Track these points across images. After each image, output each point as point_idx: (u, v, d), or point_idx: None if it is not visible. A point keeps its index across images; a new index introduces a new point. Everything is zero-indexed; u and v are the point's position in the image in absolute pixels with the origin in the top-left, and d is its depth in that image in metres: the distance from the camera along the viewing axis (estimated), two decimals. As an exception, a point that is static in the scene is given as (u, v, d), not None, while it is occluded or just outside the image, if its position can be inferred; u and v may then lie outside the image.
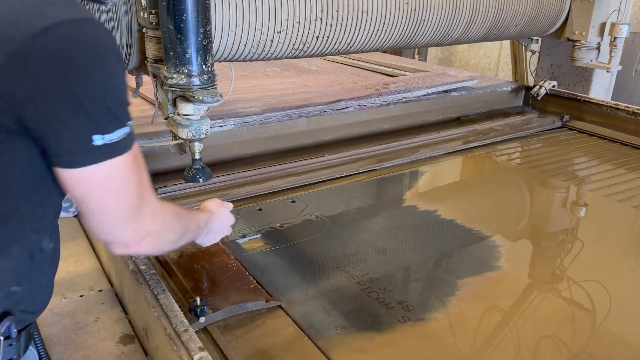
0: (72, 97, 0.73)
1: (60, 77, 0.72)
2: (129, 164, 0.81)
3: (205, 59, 1.53)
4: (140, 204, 0.85)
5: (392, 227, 1.77)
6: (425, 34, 2.35)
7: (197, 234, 1.12)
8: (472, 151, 2.47)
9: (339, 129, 2.45)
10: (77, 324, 1.24)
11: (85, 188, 0.79)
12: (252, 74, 3.07)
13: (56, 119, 0.73)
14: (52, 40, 0.71)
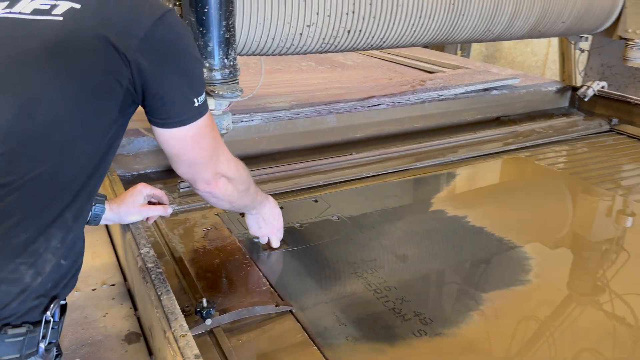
0: (182, 71, 0.96)
1: (174, 56, 0.95)
2: (211, 120, 1.07)
3: (228, 52, 1.50)
4: (218, 152, 1.12)
5: (415, 232, 1.69)
6: (464, 29, 2.24)
7: (255, 200, 1.37)
8: (510, 154, 2.35)
9: (370, 127, 2.38)
10: (85, 318, 1.24)
11: (183, 143, 1.04)
12: (286, 68, 3.03)
13: (171, 89, 0.96)
14: (165, 26, 0.92)
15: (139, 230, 1.36)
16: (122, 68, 0.88)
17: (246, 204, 1.36)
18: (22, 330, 0.82)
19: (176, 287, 1.32)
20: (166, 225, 1.61)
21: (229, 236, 1.57)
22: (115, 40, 0.86)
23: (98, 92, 0.88)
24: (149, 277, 1.16)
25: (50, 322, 0.86)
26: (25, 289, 0.82)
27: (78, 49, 0.86)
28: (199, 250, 1.50)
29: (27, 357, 0.84)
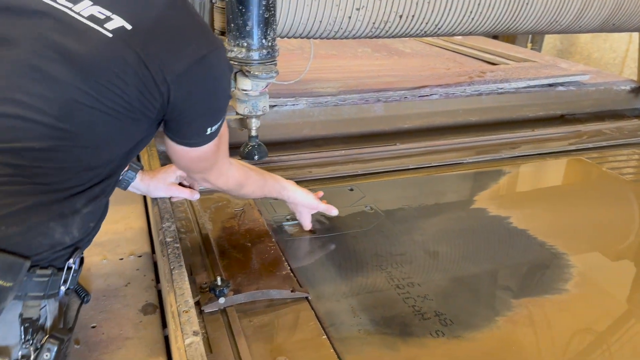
0: (208, 107, 1.04)
1: (205, 95, 1.01)
2: (216, 144, 1.13)
3: (266, 32, 1.48)
4: (212, 167, 1.23)
5: (451, 229, 1.61)
6: (527, 19, 2.10)
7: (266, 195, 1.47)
8: (571, 155, 2.19)
9: (419, 118, 2.30)
10: (108, 286, 1.27)
11: (183, 157, 1.14)
12: (341, 54, 2.98)
13: (193, 120, 1.04)
14: (205, 68, 0.98)
15: (166, 204, 1.39)
16: (155, 95, 0.94)
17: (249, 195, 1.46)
18: (47, 272, 0.91)
19: (198, 264, 1.34)
20: (199, 203, 1.63)
21: (259, 218, 1.56)
22: (154, 72, 0.92)
23: (133, 110, 0.94)
24: (166, 250, 1.18)
25: (72, 270, 0.96)
26: (54, 243, 0.92)
27: (119, 70, 0.90)
28: (226, 229, 1.51)
29: (49, 297, 0.93)
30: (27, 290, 0.89)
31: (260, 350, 1.07)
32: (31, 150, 0.88)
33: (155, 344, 1.11)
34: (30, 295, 0.90)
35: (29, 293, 0.90)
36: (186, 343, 0.89)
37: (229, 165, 1.28)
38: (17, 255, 0.86)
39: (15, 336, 0.90)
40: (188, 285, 1.05)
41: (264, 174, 1.42)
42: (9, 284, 0.85)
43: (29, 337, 0.90)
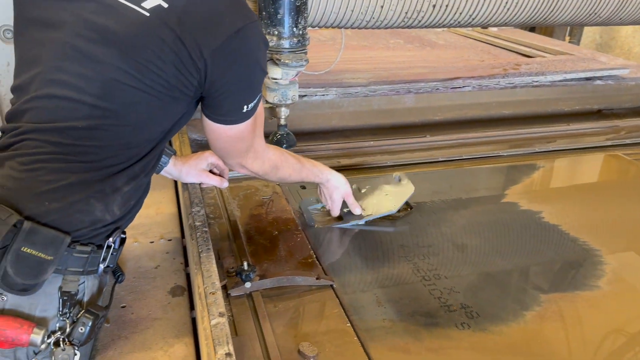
0: (243, 81, 1.02)
1: (240, 68, 0.99)
2: (252, 123, 1.13)
3: (297, 21, 1.48)
4: (248, 149, 1.20)
5: (480, 223, 1.59)
6: (565, 10, 2.05)
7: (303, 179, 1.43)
8: (607, 150, 2.13)
9: (451, 110, 2.27)
10: (139, 268, 1.30)
11: (220, 136, 1.12)
12: (373, 45, 2.96)
13: (228, 94, 1.02)
14: (240, 40, 0.96)
15: (196, 190, 1.41)
16: (192, 71, 0.95)
17: (286, 179, 1.39)
18: (87, 249, 0.95)
19: (226, 249, 1.36)
20: (228, 190, 1.65)
21: (286, 206, 1.58)
22: (191, 48, 0.92)
23: (171, 88, 0.95)
24: (195, 234, 1.20)
25: (111, 248, 0.99)
26: (95, 220, 0.95)
27: (157, 48, 0.91)
28: (254, 216, 1.52)
29: (87, 273, 0.97)
30: (67, 265, 0.93)
31: (284, 335, 1.08)
32: (74, 129, 0.91)
33: (182, 325, 1.13)
34: (70, 270, 0.94)
35: (69, 268, 0.94)
36: (212, 324, 0.90)
37: (265, 147, 1.26)
38: (58, 230, 0.89)
39: (54, 308, 0.93)
40: (215, 268, 1.07)
41: (299, 157, 1.40)
42: (50, 258, 0.88)
43: (67, 310, 0.93)
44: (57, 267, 0.91)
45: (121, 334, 1.08)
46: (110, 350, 1.04)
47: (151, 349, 1.05)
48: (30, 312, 0.92)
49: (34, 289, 0.89)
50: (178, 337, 1.09)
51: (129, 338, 1.07)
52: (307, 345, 1.04)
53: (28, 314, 0.92)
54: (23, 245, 0.86)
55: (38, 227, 0.88)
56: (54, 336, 0.92)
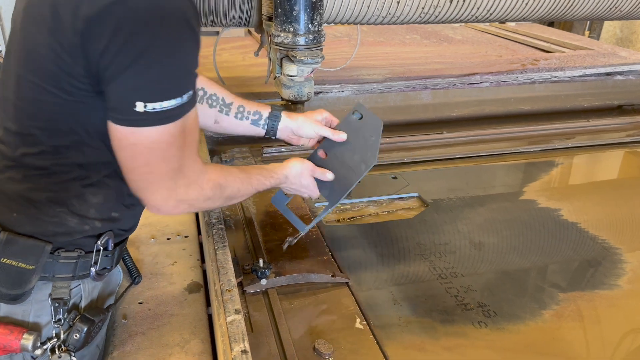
0: (135, 68, 0.77)
1: (129, 48, 0.76)
2: (168, 136, 0.84)
3: (313, 17, 1.48)
4: (176, 175, 0.89)
5: (498, 220, 1.57)
6: (585, 4, 2.01)
7: (258, 189, 1.15)
8: (628, 147, 2.09)
9: (468, 106, 2.24)
10: (156, 264, 1.32)
11: (119, 144, 0.85)
12: (389, 41, 2.94)
13: (115, 79, 0.79)
14: (125, 8, 0.75)
15: (212, 187, 1.41)
16: (74, 55, 0.79)
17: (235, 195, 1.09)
18: (74, 254, 0.93)
19: (242, 246, 1.36)
20: (244, 187, 1.65)
21: (302, 203, 1.57)
22: (67, 22, 0.77)
23: (64, 87, 0.82)
24: (211, 231, 1.20)
25: (100, 251, 0.95)
26: (71, 231, 0.92)
27: (36, 20, 0.81)
28: (270, 213, 1.52)
29: (79, 278, 0.95)
30: (54, 271, 0.92)
31: (300, 332, 1.08)
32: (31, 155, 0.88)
33: (199, 322, 1.14)
34: (59, 276, 0.92)
35: (56, 274, 0.92)
36: (228, 320, 0.91)
37: (203, 168, 0.95)
38: (37, 239, 0.88)
39: (47, 314, 0.93)
40: (231, 265, 1.07)
41: (242, 167, 1.17)
42: (32, 267, 0.87)
43: (60, 316, 0.93)
44: (44, 275, 0.90)
45: (138, 330, 1.09)
46: (128, 346, 1.05)
47: (168, 345, 1.06)
48: (24, 318, 0.93)
49: (22, 298, 0.89)
50: (194, 334, 1.10)
51: (145, 334, 1.08)
52: (322, 343, 1.04)
53: (22, 320, 0.93)
54: (2, 257, 0.86)
55: (15, 237, 0.87)
56: (50, 343, 0.92)
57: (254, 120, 1.28)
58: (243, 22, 1.77)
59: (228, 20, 1.74)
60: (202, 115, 1.21)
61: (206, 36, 3.18)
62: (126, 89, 0.79)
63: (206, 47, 3.01)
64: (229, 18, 1.74)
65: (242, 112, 1.27)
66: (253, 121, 1.28)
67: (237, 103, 1.27)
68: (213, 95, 1.24)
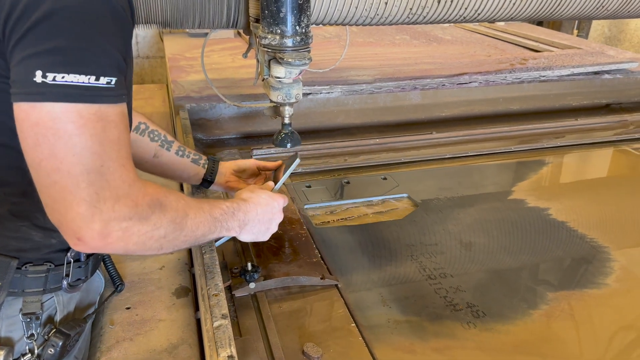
0: (31, 27, 0.68)
1: (30, 6, 0.68)
2: (77, 117, 0.69)
3: (300, 19, 1.47)
4: (97, 181, 0.70)
5: (487, 220, 1.57)
6: (573, 4, 2.02)
7: (211, 228, 0.92)
8: (615, 145, 2.11)
9: (458, 106, 2.25)
10: (143, 269, 1.31)
11: (21, 128, 0.70)
12: (378, 42, 2.95)
13: (15, 46, 0.69)
14: None
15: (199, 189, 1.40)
16: None
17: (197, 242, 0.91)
18: (43, 268, 0.90)
19: (230, 249, 1.35)
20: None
21: (291, 205, 1.57)
22: None
23: None
24: (199, 235, 1.19)
25: (72, 263, 0.92)
26: (39, 246, 0.89)
27: None
28: (259, 216, 1.51)
29: (50, 291, 0.92)
30: (23, 286, 0.89)
31: (289, 336, 1.08)
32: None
33: (187, 327, 1.13)
34: (28, 291, 0.90)
35: (26, 289, 0.89)
36: (215, 325, 0.90)
37: (136, 178, 0.77)
38: (3, 255, 0.85)
39: (19, 329, 0.91)
40: (219, 269, 1.06)
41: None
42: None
43: (33, 331, 0.90)
44: (12, 290, 0.87)
45: (126, 336, 1.08)
46: (115, 352, 1.04)
47: (155, 350, 1.05)
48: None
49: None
50: (183, 339, 1.09)
51: (133, 340, 1.07)
52: (311, 346, 1.04)
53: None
54: None
55: None
56: (24, 358, 0.90)
57: (195, 159, 1.27)
58: (231, 24, 1.76)
59: (215, 21, 1.73)
60: (142, 148, 1.16)
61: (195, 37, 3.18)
62: (25, 56, 0.68)
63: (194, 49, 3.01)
64: (216, 20, 1.73)
65: (183, 151, 1.25)
66: (194, 160, 1.27)
67: (179, 143, 1.25)
68: (155, 131, 1.19)
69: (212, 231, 0.93)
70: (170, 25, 1.71)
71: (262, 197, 1.05)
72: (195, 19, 1.69)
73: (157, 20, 1.66)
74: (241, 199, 1.03)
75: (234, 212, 0.98)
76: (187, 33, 3.09)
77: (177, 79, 2.26)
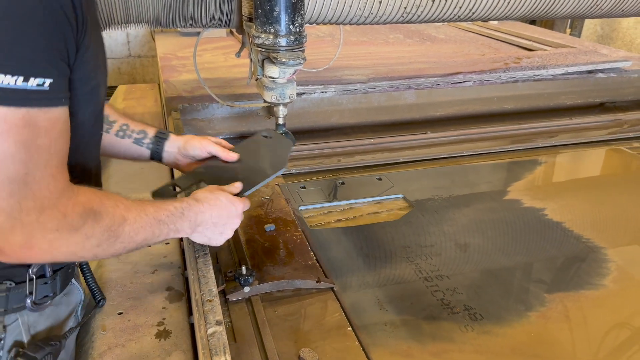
0: None
1: None
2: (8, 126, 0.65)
3: (294, 18, 1.45)
4: (19, 190, 0.67)
5: (483, 221, 1.56)
6: (566, 3, 2.01)
7: (155, 232, 0.89)
8: (610, 144, 2.10)
9: (452, 105, 2.24)
10: (136, 273, 1.28)
11: None
12: (372, 40, 2.93)
13: None
14: None
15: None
16: None
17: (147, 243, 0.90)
18: (2, 287, 0.83)
19: (225, 252, 1.33)
20: (227, 191, 1.62)
21: (285, 207, 1.55)
22: None
23: None
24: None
25: (35, 280, 0.86)
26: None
27: None
28: (253, 218, 1.50)
29: (13, 311, 0.85)
30: None
31: (284, 341, 1.06)
32: None
33: (180, 332, 1.11)
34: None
35: None
36: (209, 332, 0.88)
37: (66, 188, 0.74)
38: None
39: None
40: (212, 274, 1.05)
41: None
42: None
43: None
44: None
45: (118, 342, 1.06)
46: (107, 359, 1.02)
47: (148, 356, 1.03)
48: None
49: None
50: (176, 344, 1.07)
51: (125, 346, 1.05)
52: (307, 351, 1.02)
53: None
54: None
55: None
56: None
57: (137, 139, 1.16)
58: (223, 23, 1.74)
59: (208, 20, 1.71)
60: None
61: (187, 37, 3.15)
62: None
63: (186, 48, 2.98)
64: (208, 18, 1.70)
65: (125, 130, 1.16)
66: (136, 140, 1.16)
67: (122, 121, 1.15)
68: None
69: (157, 235, 0.90)
70: (162, 25, 1.68)
71: (219, 199, 1.01)
72: (187, 17, 1.67)
73: (149, 19, 1.63)
74: (194, 199, 1.00)
75: (183, 212, 0.95)
76: (179, 32, 3.06)
77: (169, 78, 2.24)
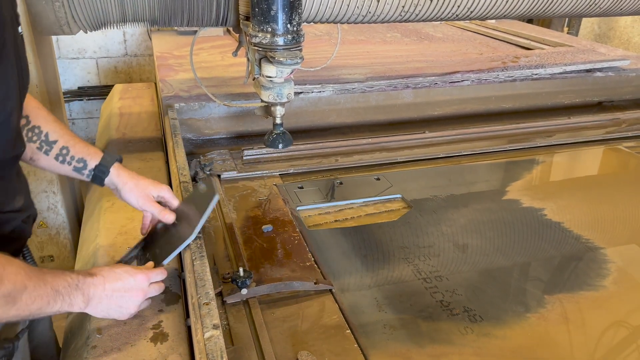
0: None
1: None
2: None
3: (291, 17, 1.43)
4: None
5: (481, 221, 1.55)
6: (565, 2, 2.00)
7: (50, 302, 0.87)
8: (608, 144, 2.10)
9: (450, 105, 2.23)
10: (132, 274, 1.26)
11: None
12: (370, 39, 2.92)
13: None
14: None
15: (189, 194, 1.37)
16: None
17: (31, 315, 0.87)
18: None
19: (222, 254, 1.32)
20: (224, 191, 1.61)
21: (283, 207, 1.54)
22: None
23: None
24: (189, 240, 1.16)
25: None
26: None
27: None
28: (250, 218, 1.49)
29: None
30: None
31: (282, 344, 1.05)
32: None
33: (177, 335, 1.09)
34: None
35: None
36: (206, 337, 0.87)
37: None
38: None
39: None
40: (209, 277, 1.03)
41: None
42: None
43: None
44: None
45: (113, 346, 1.04)
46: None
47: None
48: None
49: None
50: (172, 348, 1.05)
51: (121, 350, 1.03)
52: (305, 354, 1.01)
53: None
54: None
55: None
56: None
57: (77, 168, 1.12)
58: (220, 22, 1.72)
59: (204, 19, 1.69)
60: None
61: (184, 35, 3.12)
62: None
63: (183, 47, 2.96)
64: (205, 17, 1.69)
65: (65, 156, 1.11)
66: (76, 168, 1.12)
67: (62, 143, 1.10)
68: (36, 128, 1.07)
69: (52, 305, 0.88)
70: (159, 24, 1.67)
71: (115, 272, 0.99)
72: (184, 16, 1.65)
73: (145, 18, 1.62)
74: (89, 273, 0.97)
75: (77, 284, 0.93)
76: (176, 31, 3.04)
77: (166, 77, 2.22)
